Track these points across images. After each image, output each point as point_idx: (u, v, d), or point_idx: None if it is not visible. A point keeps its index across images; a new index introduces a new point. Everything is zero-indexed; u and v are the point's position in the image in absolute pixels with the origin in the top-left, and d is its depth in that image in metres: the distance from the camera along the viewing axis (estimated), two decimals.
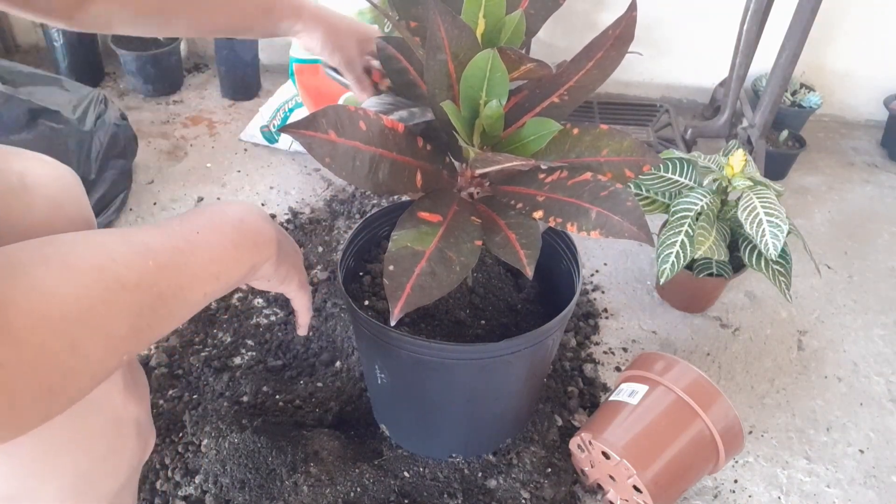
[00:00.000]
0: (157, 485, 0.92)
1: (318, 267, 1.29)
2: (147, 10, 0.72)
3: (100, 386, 0.51)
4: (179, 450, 0.96)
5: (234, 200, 0.62)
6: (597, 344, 1.21)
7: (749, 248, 1.13)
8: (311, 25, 0.83)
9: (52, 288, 0.42)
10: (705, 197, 1.10)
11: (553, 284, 0.96)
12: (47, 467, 0.52)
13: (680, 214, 1.10)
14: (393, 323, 0.58)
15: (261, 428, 0.97)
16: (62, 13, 0.67)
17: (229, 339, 1.14)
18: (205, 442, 0.96)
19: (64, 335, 0.42)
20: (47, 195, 0.67)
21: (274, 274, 0.64)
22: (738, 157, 1.10)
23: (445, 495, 0.93)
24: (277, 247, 0.63)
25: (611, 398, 0.97)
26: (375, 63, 0.88)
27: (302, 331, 0.80)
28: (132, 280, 0.46)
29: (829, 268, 1.41)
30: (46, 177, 0.68)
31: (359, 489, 0.92)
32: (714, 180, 1.12)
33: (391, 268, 0.59)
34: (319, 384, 1.07)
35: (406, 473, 0.96)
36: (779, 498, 1.00)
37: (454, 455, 0.97)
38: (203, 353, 1.11)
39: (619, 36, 0.64)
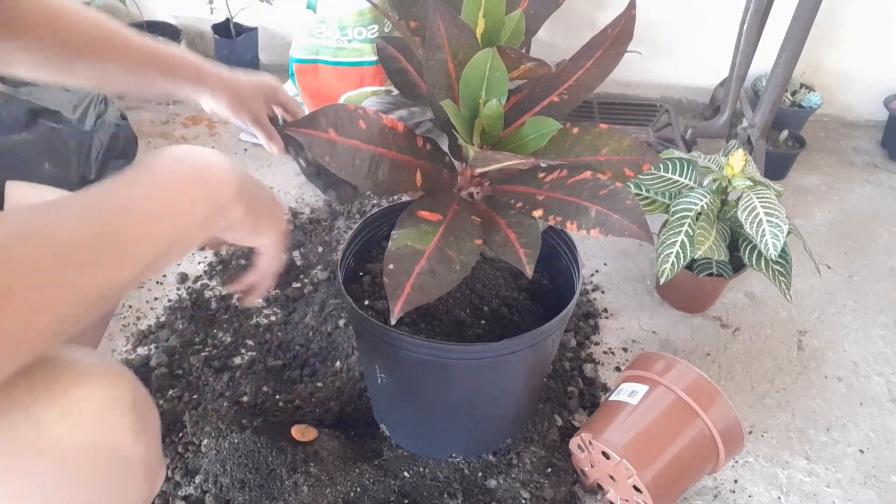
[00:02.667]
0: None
1: (318, 267, 1.29)
2: (50, 56, 0.71)
3: (104, 429, 0.50)
4: (179, 450, 0.96)
5: (186, 146, 0.56)
6: (597, 344, 1.21)
7: (749, 248, 1.13)
8: (214, 90, 0.82)
9: None
10: (705, 197, 1.10)
11: (553, 284, 0.96)
12: None
13: (680, 214, 1.10)
14: (393, 322, 0.58)
15: (261, 428, 0.97)
16: None
17: (229, 339, 1.14)
18: (205, 442, 0.96)
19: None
20: None
21: (244, 220, 0.58)
22: (738, 157, 1.10)
23: (445, 495, 0.93)
24: (239, 187, 0.56)
25: (611, 398, 0.97)
26: (279, 111, 0.90)
27: (250, 299, 0.73)
28: (32, 231, 0.44)
29: (829, 268, 1.41)
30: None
31: (359, 489, 0.92)
32: (714, 180, 1.12)
33: (391, 266, 0.59)
34: (319, 384, 1.07)
35: (406, 473, 0.96)
36: (779, 498, 1.00)
37: (454, 455, 0.97)
38: (203, 353, 1.11)
39: (619, 34, 0.64)
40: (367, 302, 0.89)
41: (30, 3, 0.69)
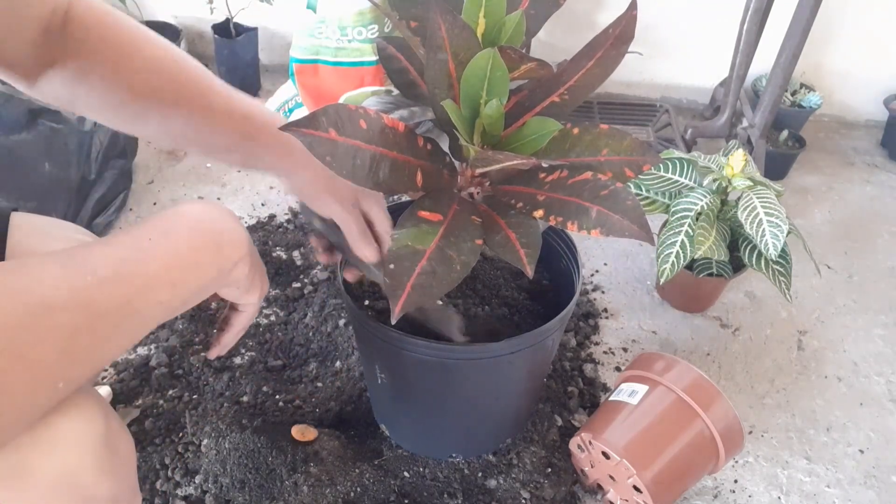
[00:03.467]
0: (157, 485, 0.92)
1: (318, 267, 1.29)
2: (115, 104, 0.62)
3: (66, 463, 0.48)
4: (179, 450, 0.96)
5: (196, 200, 0.56)
6: (597, 344, 1.21)
7: (749, 248, 1.13)
8: (300, 165, 0.68)
9: None
10: (705, 197, 1.10)
11: (553, 284, 0.96)
12: None
13: (680, 214, 1.10)
14: (394, 321, 0.58)
15: (261, 428, 0.97)
16: (22, 74, 0.60)
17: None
18: (205, 442, 0.96)
19: None
20: None
21: (245, 280, 0.58)
22: (738, 157, 1.10)
23: (445, 495, 0.93)
24: (248, 249, 0.57)
25: (611, 398, 0.97)
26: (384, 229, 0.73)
27: (215, 352, 0.69)
28: (60, 299, 0.42)
29: (829, 268, 1.41)
30: None
31: (359, 489, 0.92)
32: (714, 180, 1.12)
33: (391, 266, 0.59)
34: (319, 384, 1.07)
35: (406, 473, 0.96)
36: (779, 498, 1.00)
37: (454, 455, 0.97)
38: (203, 353, 1.11)
39: (620, 35, 0.64)
40: (367, 302, 0.89)
41: (94, 28, 0.60)
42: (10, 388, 0.40)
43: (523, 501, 0.93)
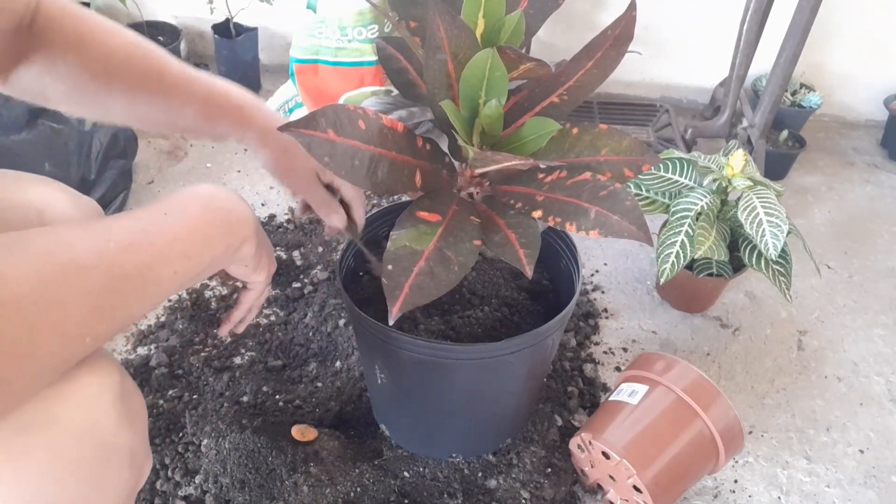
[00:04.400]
0: (157, 485, 0.92)
1: (318, 267, 1.29)
2: (84, 85, 0.65)
3: (89, 414, 0.51)
4: (179, 450, 0.96)
5: (207, 185, 0.61)
6: (597, 344, 1.21)
7: (749, 248, 1.13)
8: (258, 142, 0.74)
9: (5, 271, 0.42)
10: (705, 197, 1.10)
11: (553, 284, 0.96)
12: (28, 498, 0.50)
13: (680, 214, 1.10)
14: (391, 322, 0.58)
15: (261, 428, 0.97)
16: (13, 90, 0.63)
17: (229, 339, 1.14)
18: (205, 442, 0.96)
19: (21, 320, 0.42)
20: None
21: (252, 258, 0.63)
22: (738, 157, 1.09)
23: (445, 495, 0.93)
24: (255, 228, 0.62)
25: (611, 398, 0.97)
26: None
27: (226, 328, 0.74)
28: (89, 261, 0.46)
29: (829, 268, 1.41)
30: (67, 211, 0.68)
31: (359, 489, 0.92)
32: (714, 180, 1.12)
33: (390, 267, 0.59)
34: (319, 384, 1.07)
35: (406, 473, 0.96)
36: (779, 498, 1.00)
37: (454, 455, 0.97)
38: (203, 353, 1.11)
39: (619, 35, 0.64)
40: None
41: (58, 19, 0.63)
42: (44, 338, 0.43)
43: (523, 501, 0.93)
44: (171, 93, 0.69)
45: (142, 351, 1.12)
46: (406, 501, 0.93)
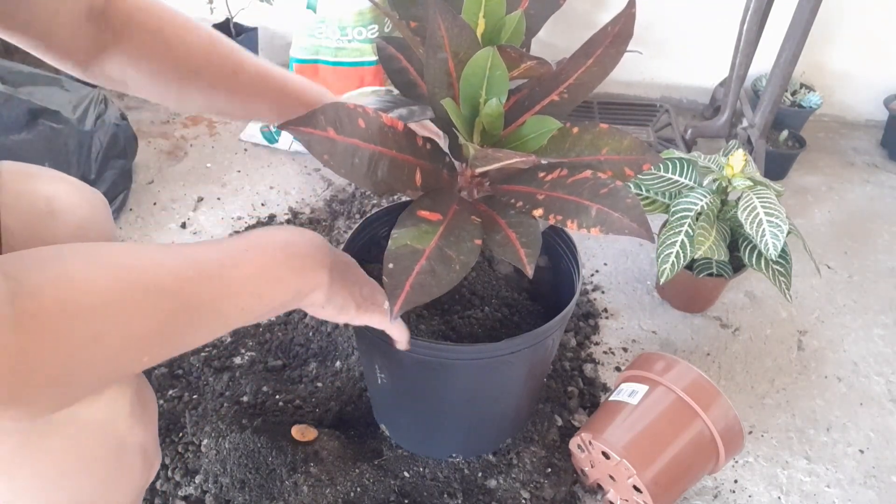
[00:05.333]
0: (157, 485, 0.92)
1: None
2: (162, 83, 0.69)
3: (107, 411, 0.52)
4: (179, 450, 0.96)
5: (290, 227, 0.62)
6: (597, 344, 1.21)
7: (749, 248, 1.13)
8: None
9: (83, 277, 0.43)
10: (705, 197, 1.09)
11: (553, 284, 0.96)
12: (47, 492, 0.52)
13: (680, 214, 1.10)
14: (392, 321, 0.58)
15: (261, 428, 0.97)
16: (78, 61, 0.65)
17: (229, 339, 1.14)
18: (205, 442, 0.95)
19: (88, 326, 0.42)
20: (74, 221, 0.68)
21: (327, 303, 0.63)
22: (738, 157, 1.09)
23: (445, 495, 0.93)
24: (329, 276, 0.61)
25: (611, 398, 0.97)
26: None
27: (401, 346, 0.75)
28: (165, 284, 0.47)
29: (829, 268, 1.41)
30: (74, 203, 0.69)
31: (359, 489, 0.92)
32: (714, 180, 1.12)
33: (391, 266, 0.59)
34: (319, 384, 1.07)
35: (406, 473, 0.96)
36: (779, 498, 1.00)
37: (454, 455, 0.97)
38: (203, 353, 1.11)
39: (618, 33, 0.64)
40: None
41: (134, 11, 0.65)
42: (107, 348, 0.44)
43: (523, 501, 0.93)
44: (248, 89, 0.72)
45: None
46: (406, 501, 0.93)
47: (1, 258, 0.42)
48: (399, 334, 0.72)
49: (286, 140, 1.59)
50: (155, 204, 1.44)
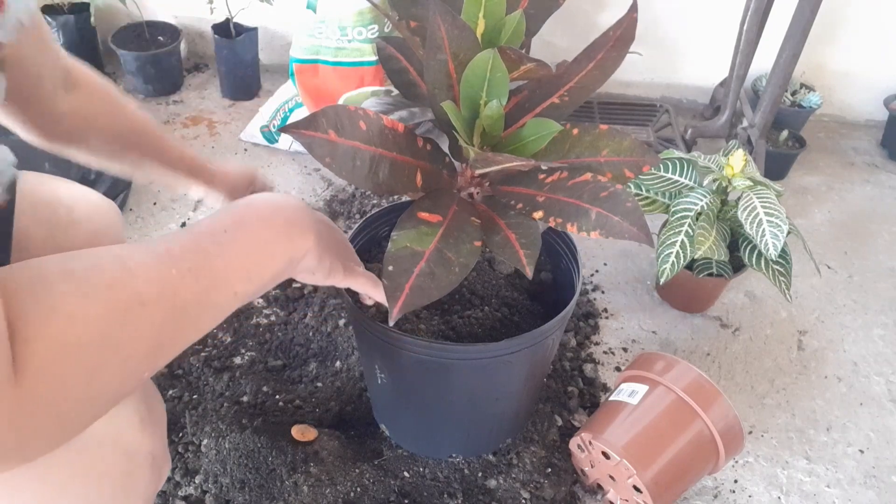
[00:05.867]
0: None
1: None
2: (102, 154, 0.77)
3: (113, 422, 0.52)
4: (179, 450, 0.96)
5: (269, 194, 0.60)
6: (597, 344, 1.21)
7: (749, 248, 1.13)
8: (219, 188, 0.90)
9: (73, 311, 0.40)
10: (705, 197, 1.10)
11: (553, 284, 0.96)
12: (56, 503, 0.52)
13: (680, 214, 1.10)
14: (392, 323, 0.58)
15: (261, 428, 0.97)
16: (45, 130, 0.70)
17: (229, 339, 1.14)
18: (205, 442, 0.96)
19: (83, 364, 0.41)
20: (90, 229, 0.70)
21: (317, 266, 0.61)
22: (738, 157, 1.10)
23: (445, 495, 0.93)
24: (317, 238, 0.59)
25: (611, 398, 0.97)
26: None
27: (374, 300, 0.75)
28: (152, 294, 0.45)
29: (829, 268, 1.41)
30: (92, 211, 0.71)
31: (359, 489, 0.92)
32: (714, 180, 1.12)
33: (390, 268, 0.59)
34: (319, 384, 1.07)
35: (406, 473, 0.96)
36: (779, 498, 1.00)
37: (454, 455, 0.97)
38: (203, 353, 1.11)
39: (620, 37, 0.64)
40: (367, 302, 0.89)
41: (93, 81, 0.73)
42: (104, 380, 0.42)
43: (523, 501, 0.93)
44: (167, 159, 0.82)
45: None
46: (406, 501, 0.93)
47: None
48: (368, 291, 0.71)
49: (286, 140, 1.59)
50: (155, 204, 1.44)
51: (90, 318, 0.41)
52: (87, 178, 1.29)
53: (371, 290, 0.69)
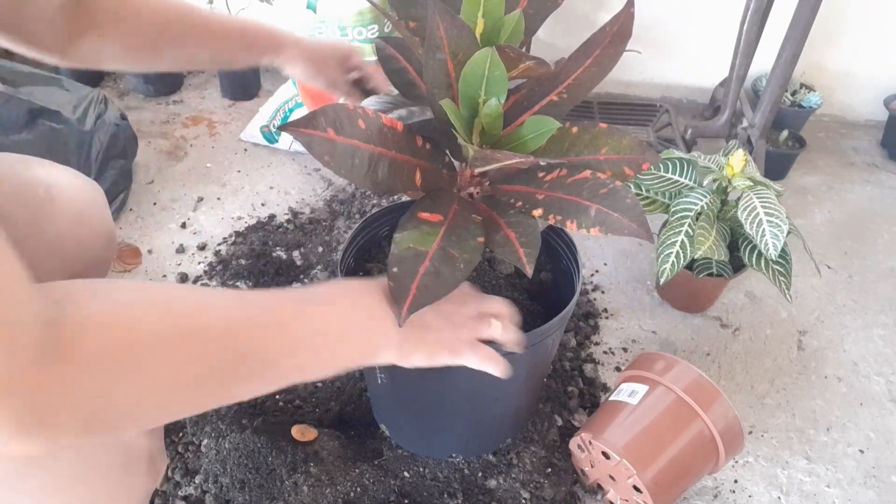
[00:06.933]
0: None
1: (318, 267, 1.29)
2: (136, 45, 0.73)
3: None
4: (179, 450, 0.96)
5: (365, 282, 0.59)
6: (597, 344, 1.21)
7: (749, 248, 1.13)
8: (292, 57, 0.85)
9: (129, 315, 0.41)
10: (705, 197, 1.09)
11: (553, 284, 0.96)
12: (55, 501, 0.52)
13: (680, 214, 1.10)
14: (401, 325, 0.58)
15: (261, 428, 0.97)
16: (55, 48, 0.68)
17: None
18: (205, 442, 0.96)
19: (125, 368, 0.41)
20: (72, 208, 0.69)
21: (402, 361, 0.62)
22: (738, 157, 1.09)
23: (445, 495, 0.93)
24: (400, 335, 0.59)
25: (611, 398, 0.97)
26: (355, 74, 0.91)
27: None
28: (217, 331, 0.45)
29: (829, 268, 1.41)
30: (72, 190, 0.70)
31: (359, 489, 0.92)
32: (714, 180, 1.12)
33: (395, 270, 0.59)
34: (319, 384, 1.07)
35: (406, 473, 0.96)
36: (779, 498, 1.00)
37: (454, 455, 0.97)
38: None
39: (617, 33, 0.64)
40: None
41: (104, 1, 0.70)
42: (141, 394, 0.42)
43: (523, 501, 0.93)
44: (217, 35, 0.78)
45: None
46: (406, 501, 0.93)
47: (52, 284, 0.40)
48: (497, 366, 0.66)
49: (286, 140, 1.59)
50: (155, 204, 1.44)
51: (144, 329, 0.41)
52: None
53: (485, 366, 0.66)
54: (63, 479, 0.51)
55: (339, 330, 0.55)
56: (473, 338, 0.64)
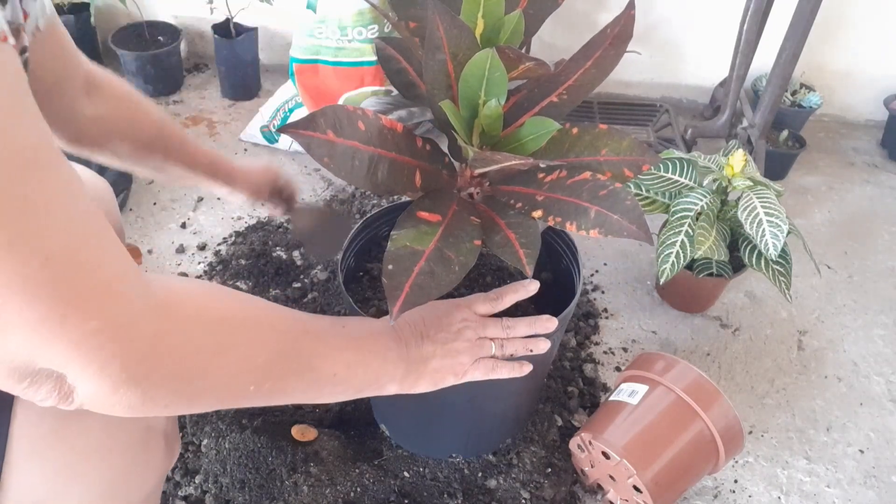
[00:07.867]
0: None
1: (318, 267, 1.29)
2: (123, 157, 0.81)
3: None
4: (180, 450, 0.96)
5: (384, 321, 0.67)
6: (597, 344, 1.21)
7: (749, 248, 1.13)
8: (238, 187, 0.94)
9: (213, 298, 0.51)
10: (705, 197, 1.09)
11: (553, 284, 0.96)
12: (77, 475, 0.54)
13: (680, 214, 1.10)
14: (392, 323, 0.58)
15: (261, 428, 0.97)
16: (69, 133, 0.73)
17: None
18: (205, 442, 0.96)
19: (215, 337, 0.49)
20: None
21: (405, 390, 0.67)
22: (738, 157, 1.09)
23: (445, 495, 0.93)
24: (402, 376, 0.65)
25: (611, 398, 0.97)
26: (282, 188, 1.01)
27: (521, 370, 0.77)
28: (280, 329, 0.55)
29: (829, 268, 1.41)
30: (84, 181, 0.72)
31: (359, 489, 0.92)
32: (714, 180, 1.12)
33: (390, 267, 0.59)
34: None
35: (406, 473, 0.96)
36: (779, 498, 1.00)
37: (454, 455, 0.97)
38: None
39: (618, 34, 0.64)
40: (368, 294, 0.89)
41: (114, 83, 0.78)
42: (224, 365, 0.49)
43: (523, 501, 0.93)
44: (189, 160, 0.86)
45: None
46: (406, 501, 0.93)
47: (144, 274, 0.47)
48: (503, 371, 0.73)
49: (286, 140, 1.59)
50: (155, 204, 1.44)
51: (231, 308, 0.52)
52: None
53: (491, 375, 0.72)
54: (87, 453, 0.54)
55: (362, 354, 0.62)
56: (473, 359, 0.69)
